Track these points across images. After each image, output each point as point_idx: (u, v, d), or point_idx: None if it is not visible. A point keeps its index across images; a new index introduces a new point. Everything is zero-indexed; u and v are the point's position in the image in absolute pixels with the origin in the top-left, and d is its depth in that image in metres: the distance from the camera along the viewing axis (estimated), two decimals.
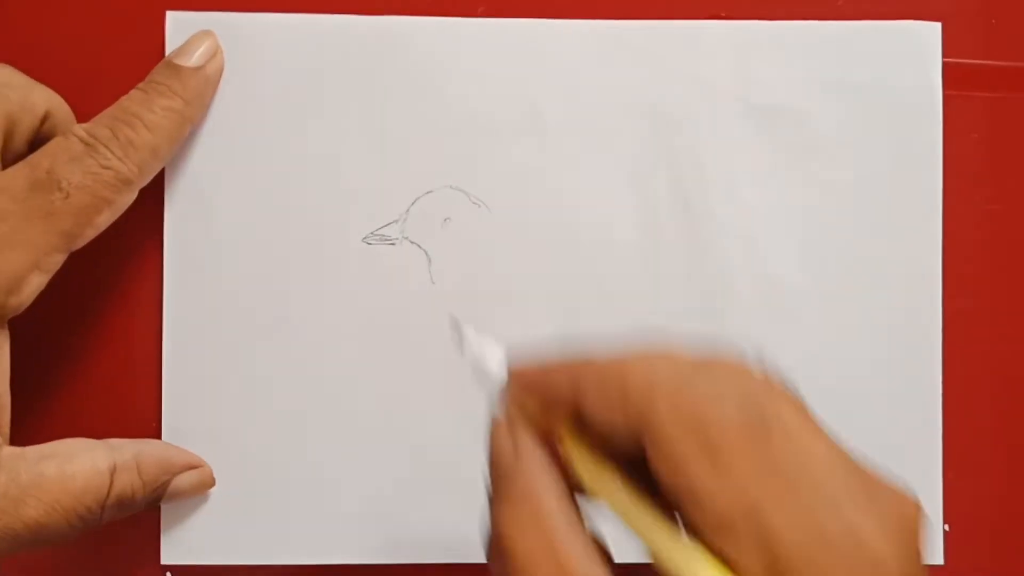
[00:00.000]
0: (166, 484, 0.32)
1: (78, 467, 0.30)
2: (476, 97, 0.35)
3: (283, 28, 0.34)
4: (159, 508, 0.34)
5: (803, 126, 0.35)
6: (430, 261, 0.35)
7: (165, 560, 0.34)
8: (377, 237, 0.35)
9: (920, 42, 0.35)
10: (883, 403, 0.35)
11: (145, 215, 0.34)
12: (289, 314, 0.34)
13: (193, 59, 0.33)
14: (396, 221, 0.35)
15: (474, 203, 0.35)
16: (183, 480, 0.33)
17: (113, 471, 0.30)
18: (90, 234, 0.31)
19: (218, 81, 0.34)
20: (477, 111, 0.35)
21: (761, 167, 0.35)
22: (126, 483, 0.31)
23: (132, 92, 0.32)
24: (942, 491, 0.34)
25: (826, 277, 0.35)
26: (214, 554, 0.34)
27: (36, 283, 0.30)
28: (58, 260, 0.30)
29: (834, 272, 0.35)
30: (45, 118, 0.32)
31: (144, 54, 0.34)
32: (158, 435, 0.34)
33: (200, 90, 0.33)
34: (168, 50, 0.34)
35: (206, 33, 0.33)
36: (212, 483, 0.34)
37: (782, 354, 0.34)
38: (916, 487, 0.33)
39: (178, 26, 0.34)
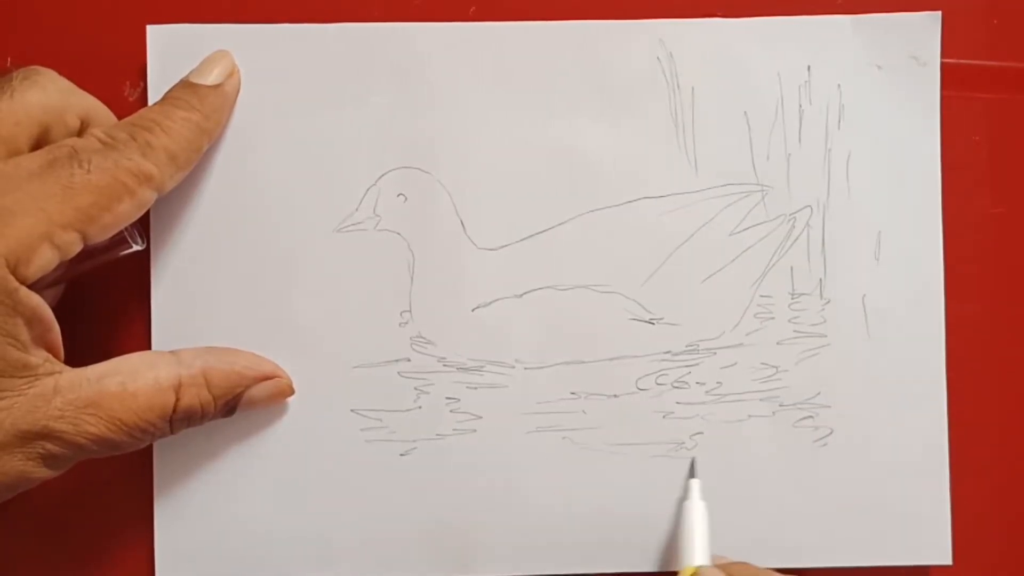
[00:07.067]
0: (239, 396, 0.33)
1: (140, 385, 0.30)
2: (467, 97, 0.34)
3: (262, 37, 0.34)
4: (153, 524, 0.34)
5: (801, 125, 0.35)
6: (409, 247, 0.34)
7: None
8: (350, 226, 0.34)
9: (919, 35, 0.35)
10: (888, 406, 0.35)
11: None
12: (277, 311, 0.34)
13: (211, 78, 0.33)
14: (367, 208, 0.34)
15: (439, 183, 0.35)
16: (257, 391, 0.33)
17: (178, 388, 0.31)
18: (108, 222, 0.29)
19: (235, 99, 0.34)
20: (467, 109, 0.34)
21: (760, 167, 0.35)
22: (194, 398, 0.31)
23: (150, 105, 0.32)
24: (949, 493, 0.35)
25: (826, 280, 0.35)
26: (209, 569, 0.34)
27: (47, 257, 0.28)
28: (72, 240, 0.29)
29: (834, 275, 0.35)
30: (82, 128, 0.31)
31: (125, 69, 0.34)
32: None
33: (218, 105, 0.33)
34: (150, 64, 0.34)
35: (223, 53, 0.34)
36: (290, 392, 0.34)
37: (784, 359, 0.35)
38: (923, 489, 0.34)
39: (159, 40, 0.34)
